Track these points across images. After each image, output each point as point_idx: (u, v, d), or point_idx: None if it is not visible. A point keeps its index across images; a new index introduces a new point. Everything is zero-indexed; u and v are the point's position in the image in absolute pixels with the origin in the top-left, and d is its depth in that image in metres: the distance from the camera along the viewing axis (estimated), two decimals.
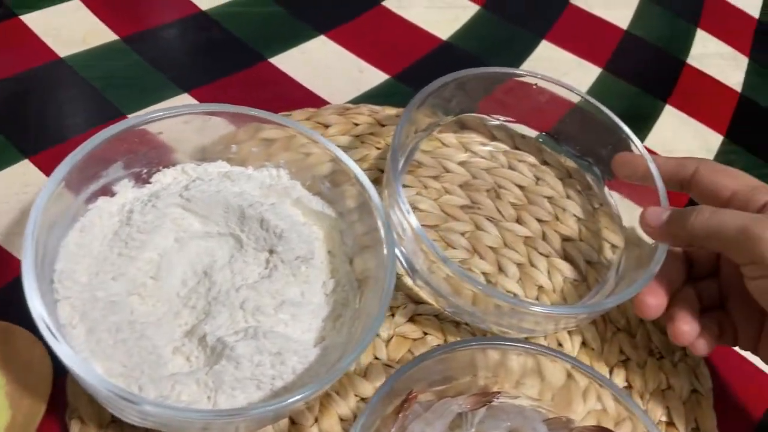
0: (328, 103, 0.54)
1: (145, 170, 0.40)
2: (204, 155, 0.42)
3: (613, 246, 0.48)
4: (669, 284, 0.41)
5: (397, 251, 0.43)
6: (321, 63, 0.58)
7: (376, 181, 0.47)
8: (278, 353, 0.35)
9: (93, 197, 0.38)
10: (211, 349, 0.35)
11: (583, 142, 0.51)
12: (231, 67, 0.55)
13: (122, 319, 0.35)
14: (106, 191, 0.39)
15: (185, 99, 0.51)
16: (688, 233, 0.39)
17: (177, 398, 0.33)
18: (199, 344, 0.36)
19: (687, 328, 0.40)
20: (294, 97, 0.54)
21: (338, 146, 0.50)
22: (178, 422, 0.32)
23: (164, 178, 0.41)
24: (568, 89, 0.49)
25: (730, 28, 0.77)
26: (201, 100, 0.51)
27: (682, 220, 0.39)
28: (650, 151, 0.46)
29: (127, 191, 0.40)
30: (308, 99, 0.54)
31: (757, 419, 0.46)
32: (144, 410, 0.30)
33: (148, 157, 0.40)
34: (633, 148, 0.47)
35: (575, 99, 0.49)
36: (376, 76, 0.58)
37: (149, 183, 0.40)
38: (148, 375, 0.33)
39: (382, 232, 0.38)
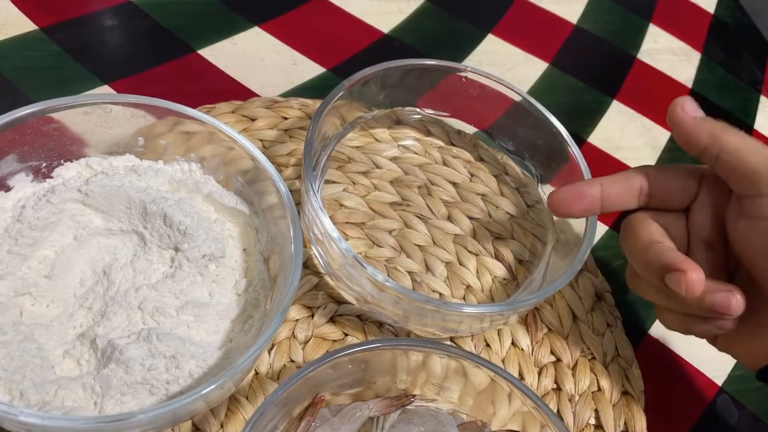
0: (258, 96, 0.53)
1: (44, 164, 0.38)
2: (113, 149, 0.40)
3: (544, 243, 0.47)
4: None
5: (315, 251, 0.41)
6: (253, 55, 0.56)
7: (301, 176, 0.45)
8: (173, 357, 0.33)
9: None
10: (102, 352, 0.33)
11: (519, 139, 0.50)
12: (157, 59, 0.53)
13: (7, 320, 0.33)
14: (1, 186, 0.37)
15: (105, 91, 0.49)
16: (715, 141, 0.36)
17: (60, 404, 0.31)
18: (91, 347, 0.34)
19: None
20: (222, 89, 0.52)
21: (264, 140, 0.49)
22: (58, 431, 0.30)
23: (66, 172, 0.39)
24: (503, 84, 0.48)
25: (684, 22, 0.76)
26: (122, 92, 0.49)
27: (716, 126, 0.36)
28: (593, 148, 0.45)
29: (24, 186, 0.38)
30: (237, 92, 0.52)
31: (692, 422, 0.45)
32: (18, 420, 0.28)
33: (47, 150, 0.38)
34: (568, 148, 0.45)
35: (511, 94, 0.48)
36: (310, 69, 0.56)
37: (50, 177, 0.39)
38: (31, 379, 0.31)
39: (291, 229, 0.36)
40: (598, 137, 0.60)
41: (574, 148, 0.45)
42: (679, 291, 0.34)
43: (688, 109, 0.37)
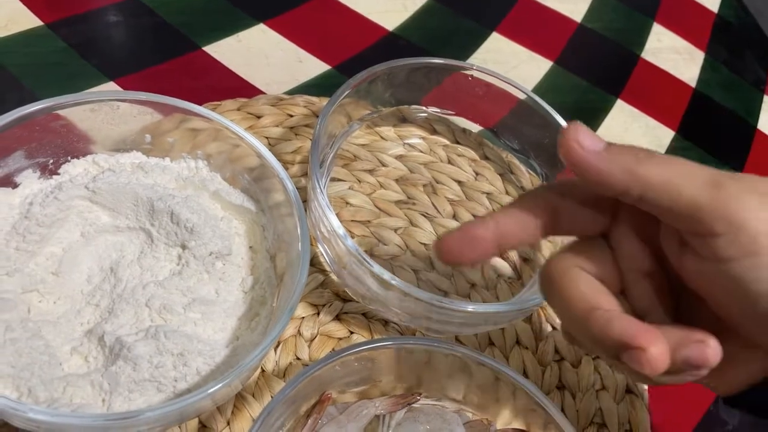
0: (263, 93, 0.52)
1: (51, 161, 0.38)
2: (120, 146, 0.40)
3: (550, 242, 0.47)
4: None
5: (321, 248, 0.41)
6: (259, 52, 0.56)
7: (308, 174, 0.45)
8: (181, 354, 0.33)
9: None
10: (110, 349, 0.33)
11: (524, 138, 0.50)
12: (162, 56, 0.53)
13: (15, 317, 0.33)
14: (8, 182, 0.37)
15: (111, 88, 0.49)
16: (634, 178, 0.27)
17: (69, 401, 0.31)
18: (99, 344, 0.34)
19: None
20: (228, 86, 0.52)
21: (270, 138, 0.49)
22: (67, 428, 0.30)
23: (73, 169, 0.39)
24: (509, 83, 0.48)
25: (688, 22, 0.76)
26: (128, 88, 0.49)
27: (628, 158, 0.27)
28: None
29: (32, 183, 0.38)
30: (243, 89, 0.52)
31: (695, 421, 0.45)
32: (27, 417, 0.28)
33: (54, 147, 0.38)
34: None
35: (517, 93, 0.48)
36: (316, 66, 0.56)
37: (57, 174, 0.39)
38: (39, 376, 0.32)
39: (298, 227, 0.36)
40: (601, 136, 0.60)
41: None
42: (641, 371, 0.27)
43: (586, 142, 0.28)
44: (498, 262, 0.46)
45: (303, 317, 0.42)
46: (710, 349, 0.27)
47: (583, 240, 0.31)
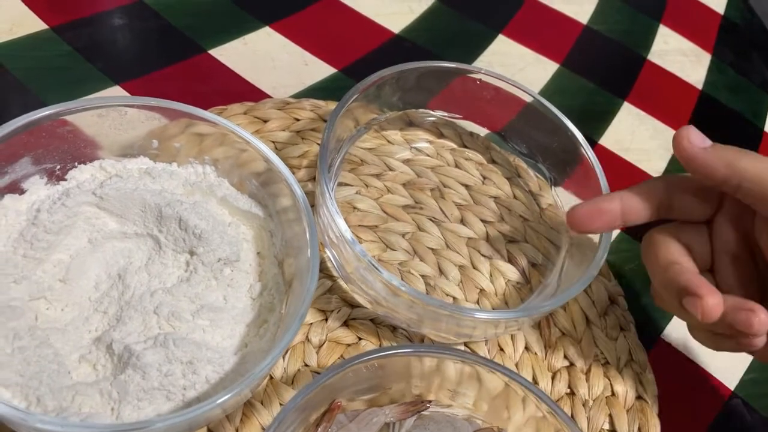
0: (269, 97, 0.52)
1: (58, 166, 0.38)
2: (127, 151, 0.40)
3: (558, 247, 0.47)
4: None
5: (329, 254, 0.41)
6: (264, 55, 0.55)
7: (316, 179, 0.45)
8: (190, 362, 0.33)
9: None
10: (118, 357, 0.33)
11: (532, 141, 0.50)
12: (168, 59, 0.52)
13: (22, 325, 0.33)
14: (15, 188, 0.37)
15: (116, 92, 0.49)
16: (733, 170, 0.34)
17: (77, 410, 0.31)
18: (107, 352, 0.34)
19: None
20: (234, 90, 0.52)
21: (276, 142, 0.49)
22: None
23: (80, 175, 0.38)
24: (517, 87, 0.47)
25: (694, 23, 0.76)
26: (134, 92, 0.49)
27: (729, 154, 0.34)
28: (604, 150, 0.45)
29: (39, 189, 0.37)
30: (249, 93, 0.52)
31: (705, 427, 0.45)
32: (36, 427, 0.28)
33: (61, 153, 0.38)
34: (582, 151, 0.45)
35: (524, 96, 0.48)
36: (322, 70, 0.56)
37: (64, 180, 0.38)
38: (48, 385, 0.31)
39: (308, 233, 0.36)
40: (609, 139, 0.60)
41: (588, 151, 0.45)
42: (696, 315, 0.34)
43: (695, 140, 0.35)
44: (506, 266, 0.46)
45: (311, 323, 0.41)
46: (757, 319, 0.33)
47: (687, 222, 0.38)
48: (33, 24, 0.51)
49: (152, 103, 0.38)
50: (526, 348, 0.44)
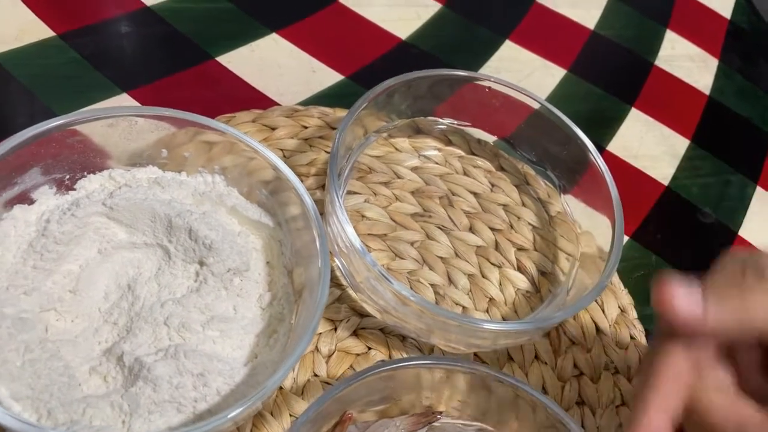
0: (277, 104, 0.52)
1: (68, 176, 0.38)
2: (136, 160, 0.40)
3: (568, 255, 0.46)
4: None
5: (338, 263, 0.41)
6: (272, 62, 0.55)
7: (325, 187, 0.45)
8: (201, 374, 0.33)
9: (8, 205, 0.35)
10: (129, 369, 0.33)
11: (541, 149, 0.50)
12: (175, 66, 0.52)
13: (33, 337, 0.32)
14: (24, 199, 0.36)
15: (124, 99, 0.49)
16: (745, 324, 0.26)
17: (89, 423, 0.31)
18: (117, 364, 0.33)
19: None
20: (241, 97, 0.52)
21: (284, 150, 0.48)
22: None
23: (89, 184, 0.38)
24: (525, 94, 0.47)
25: (701, 29, 0.75)
26: (141, 100, 0.49)
27: (732, 304, 0.27)
28: (612, 156, 0.44)
29: (48, 199, 0.37)
30: (256, 100, 0.52)
31: None
32: None
33: (70, 163, 0.37)
34: (591, 158, 0.45)
35: (532, 104, 0.47)
36: (329, 76, 0.56)
37: (73, 190, 0.38)
38: (58, 398, 0.31)
39: (318, 243, 0.36)
40: (616, 145, 0.59)
41: (598, 159, 0.45)
42: None
43: (685, 313, 0.28)
44: (515, 275, 0.46)
45: (320, 333, 0.41)
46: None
47: None
48: (40, 31, 0.51)
49: (162, 113, 0.38)
50: (536, 357, 0.44)
